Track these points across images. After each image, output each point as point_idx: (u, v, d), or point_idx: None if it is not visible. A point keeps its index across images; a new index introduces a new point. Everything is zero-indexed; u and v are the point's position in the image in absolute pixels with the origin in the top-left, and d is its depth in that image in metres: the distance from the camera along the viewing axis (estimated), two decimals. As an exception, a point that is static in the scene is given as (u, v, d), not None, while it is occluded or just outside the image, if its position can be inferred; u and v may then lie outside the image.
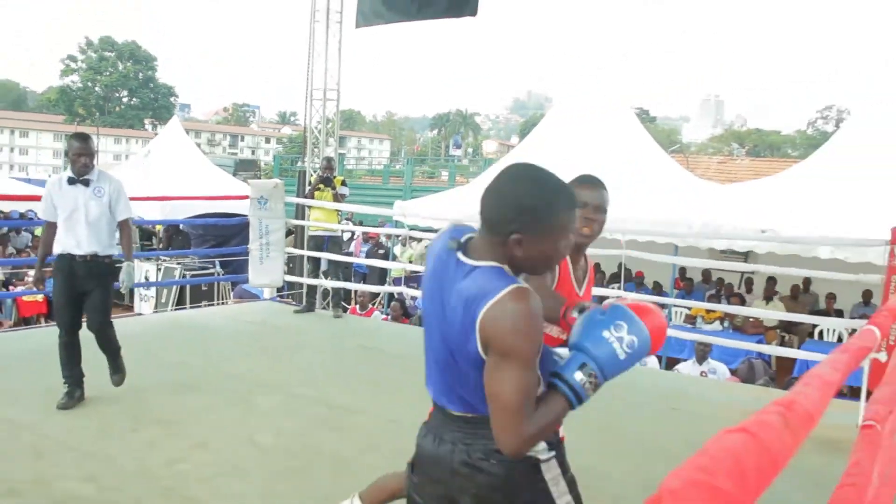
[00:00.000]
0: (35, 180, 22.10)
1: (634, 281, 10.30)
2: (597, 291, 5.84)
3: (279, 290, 8.32)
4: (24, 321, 10.76)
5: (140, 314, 10.86)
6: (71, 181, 4.32)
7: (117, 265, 4.45)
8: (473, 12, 8.06)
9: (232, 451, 3.74)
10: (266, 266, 7.43)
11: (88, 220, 4.25)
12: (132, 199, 11.70)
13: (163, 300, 11.21)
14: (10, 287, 11.50)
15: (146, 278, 11.87)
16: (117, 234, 4.44)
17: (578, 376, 1.57)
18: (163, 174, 13.88)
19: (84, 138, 4.41)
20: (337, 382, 5.11)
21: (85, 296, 4.30)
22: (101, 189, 4.34)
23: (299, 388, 4.90)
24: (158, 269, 11.72)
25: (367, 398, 4.74)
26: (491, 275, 1.55)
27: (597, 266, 10.25)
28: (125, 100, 69.77)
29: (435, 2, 8.43)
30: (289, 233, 8.35)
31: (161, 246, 14.90)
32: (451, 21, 8.57)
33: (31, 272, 7.86)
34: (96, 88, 67.26)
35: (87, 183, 4.31)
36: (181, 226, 13.92)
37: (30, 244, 14.53)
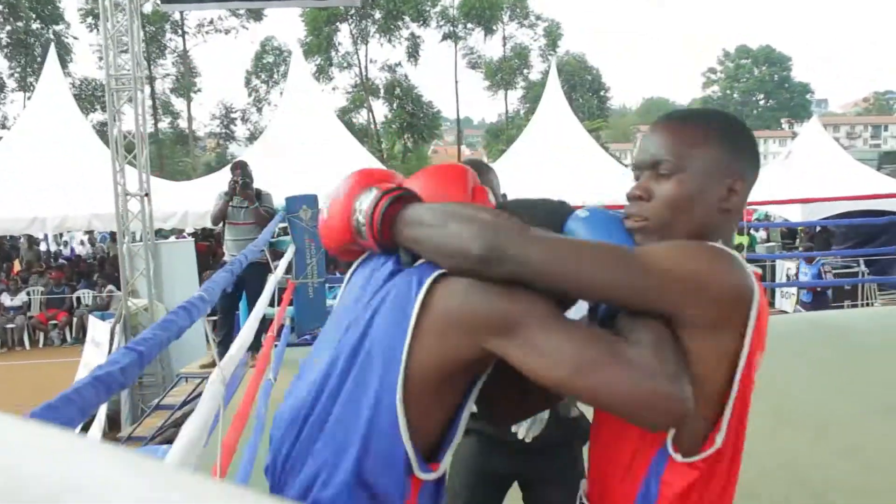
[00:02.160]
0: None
1: None
2: None
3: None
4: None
5: (783, 311, 11.16)
6: None
7: None
8: None
9: (882, 464, 3.58)
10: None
11: None
12: (772, 202, 12.00)
13: (802, 297, 11.30)
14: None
15: (787, 277, 12.12)
16: None
17: None
18: (804, 174, 13.91)
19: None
20: None
21: None
22: None
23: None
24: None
25: None
26: None
27: None
28: (761, 102, 70.66)
29: None
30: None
31: (803, 246, 14.94)
32: None
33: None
34: (734, 95, 69.75)
35: None
36: (825, 224, 13.75)
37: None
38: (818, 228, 13.95)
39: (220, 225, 6.76)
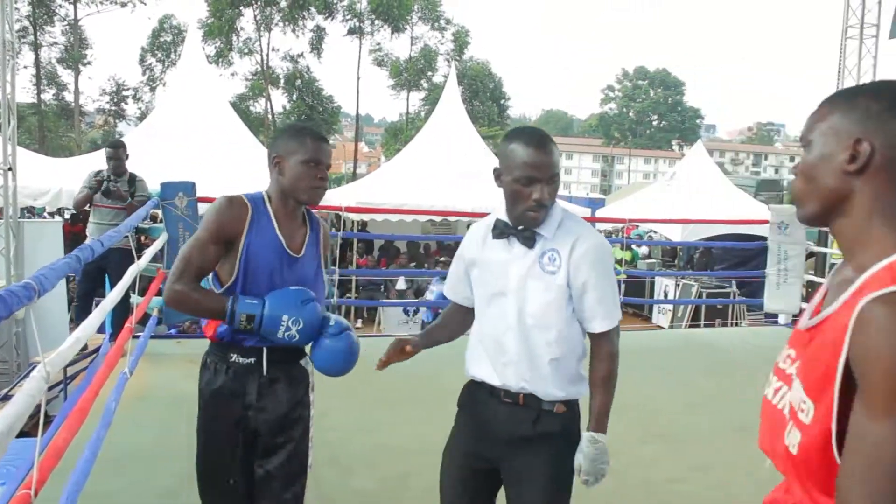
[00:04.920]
0: (575, 198, 24.52)
1: None
2: None
3: (794, 316, 8.09)
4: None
5: (659, 327, 11.52)
6: (501, 233, 2.02)
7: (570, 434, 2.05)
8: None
9: (730, 480, 3.70)
10: (782, 291, 7.33)
11: (521, 318, 2.00)
12: (654, 220, 12.12)
13: (679, 314, 11.72)
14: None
15: (665, 294, 12.54)
16: (583, 362, 2.08)
17: (243, 314, 2.09)
18: (685, 196, 14.42)
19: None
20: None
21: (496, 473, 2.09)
22: (554, 256, 1.97)
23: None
24: (677, 286, 12.29)
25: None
26: None
27: None
28: (655, 123, 73.42)
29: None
30: (810, 255, 8.07)
31: (680, 264, 15.50)
32: None
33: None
34: (630, 114, 72.22)
35: (531, 241, 1.98)
36: (703, 244, 14.29)
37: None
38: (699, 249, 14.51)
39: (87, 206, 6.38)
